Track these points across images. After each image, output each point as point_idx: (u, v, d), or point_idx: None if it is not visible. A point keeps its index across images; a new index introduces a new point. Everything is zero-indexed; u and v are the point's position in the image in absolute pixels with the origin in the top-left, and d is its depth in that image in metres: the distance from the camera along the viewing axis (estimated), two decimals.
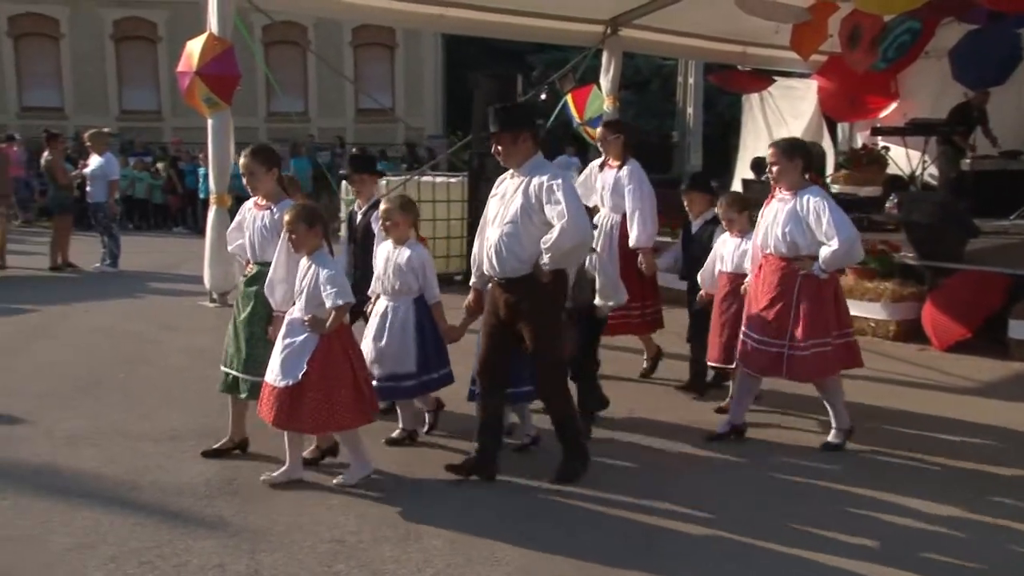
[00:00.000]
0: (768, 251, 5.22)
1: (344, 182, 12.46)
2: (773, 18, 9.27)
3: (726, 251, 5.81)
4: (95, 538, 3.97)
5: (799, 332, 5.07)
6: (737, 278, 5.70)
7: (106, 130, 14.00)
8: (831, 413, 5.36)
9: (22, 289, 10.84)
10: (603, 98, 11.69)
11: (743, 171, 14.63)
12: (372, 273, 5.31)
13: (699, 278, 6.01)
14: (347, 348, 4.53)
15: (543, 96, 12.91)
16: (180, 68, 8.92)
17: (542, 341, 4.55)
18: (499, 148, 4.59)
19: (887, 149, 12.43)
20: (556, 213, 4.37)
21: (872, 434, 5.52)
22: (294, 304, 4.55)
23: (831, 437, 5.33)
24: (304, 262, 4.52)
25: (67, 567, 3.71)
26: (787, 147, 5.20)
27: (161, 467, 4.84)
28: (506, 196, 4.59)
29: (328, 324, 4.42)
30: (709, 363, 5.96)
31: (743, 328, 5.32)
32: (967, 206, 9.37)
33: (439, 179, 12.01)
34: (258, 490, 4.54)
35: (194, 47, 8.74)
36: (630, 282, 6.44)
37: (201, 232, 10.33)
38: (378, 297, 5.23)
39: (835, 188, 12.32)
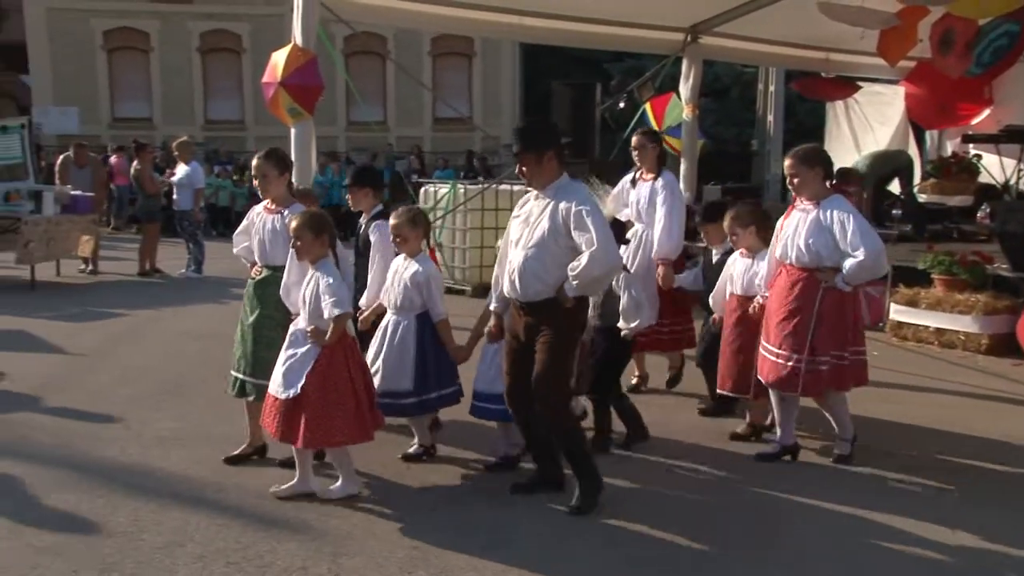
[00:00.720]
0: (788, 262, 5.01)
1: (420, 190, 12.64)
2: (859, 24, 9.04)
3: (736, 271, 5.60)
4: (183, 537, 4.07)
5: (818, 345, 4.87)
6: (747, 301, 5.50)
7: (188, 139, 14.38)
8: (835, 424, 5.19)
9: (113, 294, 11.19)
10: (682, 106, 11.58)
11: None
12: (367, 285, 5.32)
13: (711, 300, 5.84)
14: (349, 362, 4.43)
15: (621, 104, 12.84)
16: (265, 79, 9.09)
17: (553, 364, 4.35)
18: (523, 169, 4.41)
19: (979, 157, 12.06)
20: (585, 240, 4.22)
21: (957, 472, 5.27)
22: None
23: (839, 448, 5.17)
24: (309, 271, 4.46)
25: (158, 565, 3.82)
26: (805, 156, 5.00)
27: (244, 470, 4.94)
28: (531, 219, 4.41)
29: (328, 336, 4.34)
30: (720, 391, 5.72)
31: (760, 341, 5.13)
32: None
33: (516, 187, 12.03)
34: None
35: (279, 58, 8.90)
36: (662, 297, 6.31)
37: None
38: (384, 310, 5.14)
39: (922, 197, 12.01)
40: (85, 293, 11.24)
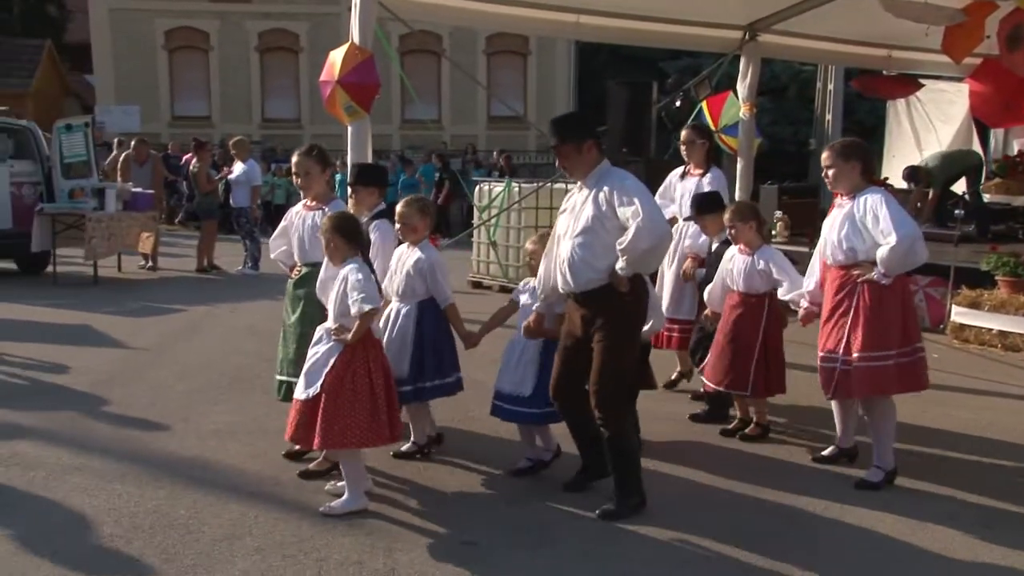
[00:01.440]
0: (829, 262, 4.88)
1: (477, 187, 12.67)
2: (924, 20, 8.83)
3: (735, 268, 5.52)
4: (242, 530, 4.13)
5: (855, 343, 4.67)
6: (748, 299, 5.45)
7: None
8: (874, 446, 4.89)
9: (172, 290, 11.42)
10: (739, 105, 11.44)
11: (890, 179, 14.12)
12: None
13: (706, 295, 5.77)
14: (370, 364, 4.31)
15: (677, 103, 12.72)
16: (322, 78, 9.18)
17: (610, 363, 4.26)
18: (564, 162, 4.39)
19: None
20: (630, 213, 4.11)
21: (1001, 488, 5.16)
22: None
23: (868, 474, 4.85)
24: (339, 271, 4.36)
25: (218, 555, 3.88)
26: (843, 149, 4.83)
27: (301, 465, 4.97)
28: (575, 209, 4.36)
29: (353, 332, 4.24)
30: (706, 382, 5.66)
31: (819, 351, 4.93)
32: None
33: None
34: (393, 490, 4.62)
35: (336, 57, 8.98)
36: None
37: None
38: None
39: (986, 197, 11.73)
40: (145, 289, 11.48)
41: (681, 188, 6.68)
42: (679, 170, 6.83)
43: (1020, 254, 8.59)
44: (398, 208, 5.03)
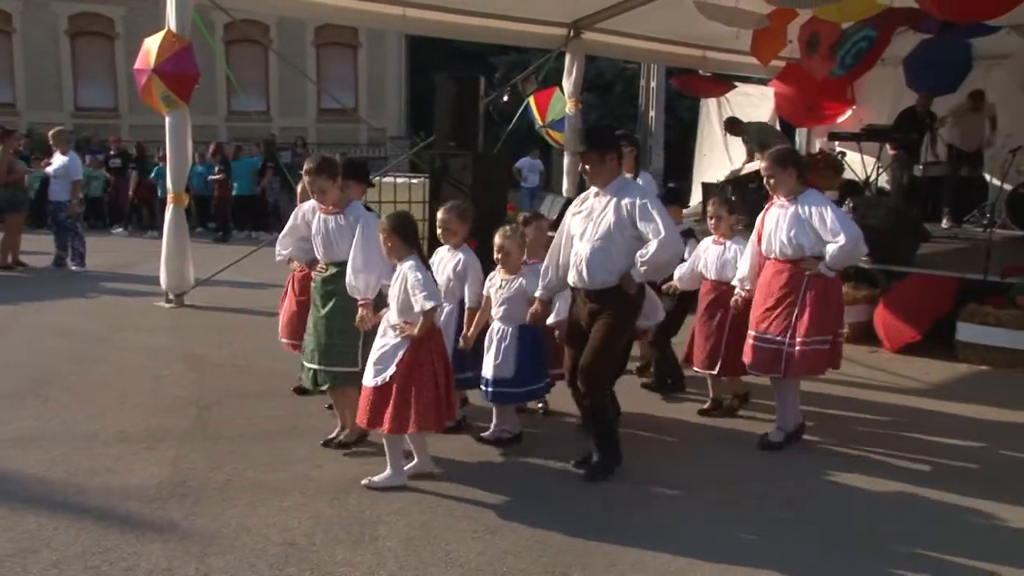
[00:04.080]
0: (773, 256, 5.37)
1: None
2: (732, 23, 9.34)
3: (709, 257, 6.01)
4: (38, 543, 3.89)
5: (802, 328, 5.20)
6: (720, 285, 5.91)
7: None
8: (780, 411, 5.51)
9: None
10: (565, 100, 11.73)
11: (701, 175, 14.81)
12: None
13: (676, 275, 6.13)
14: (434, 354, 4.64)
15: (505, 98, 12.90)
16: (137, 66, 8.80)
17: (606, 339, 4.75)
18: (586, 168, 4.86)
19: (843, 154, 12.61)
20: (651, 230, 4.64)
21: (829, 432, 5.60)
22: (380, 295, 4.84)
23: (772, 435, 5.46)
24: (397, 268, 4.64)
25: (7, 573, 3.63)
26: (779, 158, 5.37)
27: (110, 469, 4.77)
28: (593, 214, 4.82)
29: (418, 329, 4.52)
30: (695, 368, 6.07)
31: (749, 331, 5.43)
32: (919, 211, 9.54)
33: (400, 180, 11.98)
34: (209, 492, 4.48)
35: (151, 44, 8.64)
36: None
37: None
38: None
39: None
40: None
41: None
42: None
43: None
44: (439, 214, 5.38)
